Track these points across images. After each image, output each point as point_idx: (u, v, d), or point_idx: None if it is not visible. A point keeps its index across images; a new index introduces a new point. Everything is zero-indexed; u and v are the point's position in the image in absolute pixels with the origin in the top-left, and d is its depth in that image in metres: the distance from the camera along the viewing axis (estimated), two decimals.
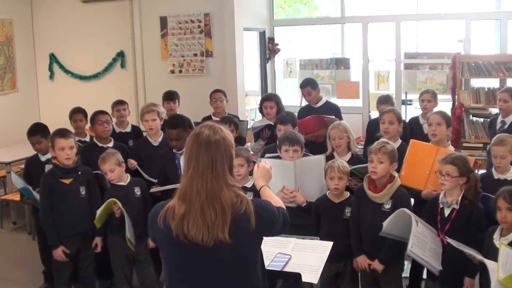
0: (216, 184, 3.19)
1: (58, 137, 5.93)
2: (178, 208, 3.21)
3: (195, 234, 3.15)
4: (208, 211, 3.15)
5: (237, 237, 3.17)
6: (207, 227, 3.14)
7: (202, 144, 3.24)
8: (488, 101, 9.78)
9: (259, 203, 3.34)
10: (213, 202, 3.16)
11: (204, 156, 3.22)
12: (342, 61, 11.86)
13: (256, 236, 3.29)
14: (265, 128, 7.41)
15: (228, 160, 3.28)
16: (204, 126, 3.34)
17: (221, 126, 3.38)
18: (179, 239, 3.20)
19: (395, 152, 5.38)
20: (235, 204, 3.19)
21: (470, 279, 4.96)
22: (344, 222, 5.51)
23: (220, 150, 3.24)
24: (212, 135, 3.26)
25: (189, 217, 3.17)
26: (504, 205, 4.57)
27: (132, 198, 6.03)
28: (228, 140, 3.32)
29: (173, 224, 3.19)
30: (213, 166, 3.21)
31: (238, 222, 3.17)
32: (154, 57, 10.56)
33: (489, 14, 11.07)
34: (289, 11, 14.67)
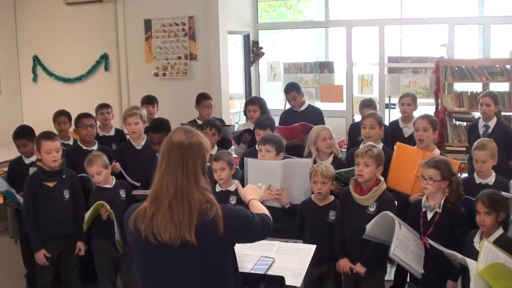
0: (185, 182, 3.21)
1: (44, 140, 5.91)
2: (148, 209, 3.24)
3: (163, 231, 3.17)
4: (176, 209, 3.18)
5: (204, 241, 3.18)
6: (175, 225, 3.16)
7: (175, 145, 3.28)
8: (471, 105, 9.82)
9: (230, 210, 3.34)
10: (182, 200, 3.19)
11: (176, 155, 3.25)
12: (326, 65, 11.89)
13: (225, 243, 3.28)
14: (244, 132, 7.41)
15: (201, 162, 3.30)
16: (180, 129, 3.38)
17: (198, 132, 3.41)
18: (149, 241, 3.21)
19: (382, 155, 5.42)
20: (205, 208, 3.20)
21: (453, 283, 5.00)
22: (328, 226, 5.53)
23: (193, 152, 3.27)
24: (186, 138, 3.29)
25: (158, 215, 3.19)
26: (482, 209, 4.62)
27: (118, 200, 6.01)
28: (202, 145, 3.34)
29: (143, 226, 3.22)
30: (184, 164, 3.23)
31: (206, 227, 3.18)
32: (138, 60, 10.51)
33: (472, 18, 11.14)
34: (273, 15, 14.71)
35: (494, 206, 4.61)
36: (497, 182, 5.62)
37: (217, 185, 5.88)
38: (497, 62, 10.00)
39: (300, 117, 7.89)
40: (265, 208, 3.81)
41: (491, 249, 4.35)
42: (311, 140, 6.35)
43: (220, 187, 5.86)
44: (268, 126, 6.73)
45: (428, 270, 4.88)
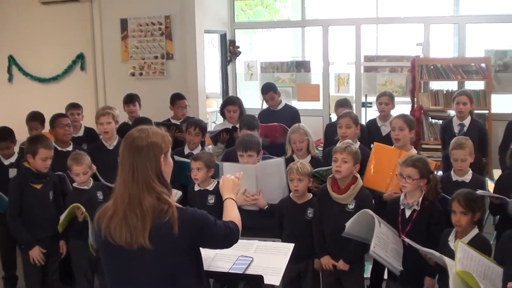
0: (136, 190, 3.20)
1: (42, 148, 5.87)
2: (109, 209, 3.26)
3: (119, 237, 3.18)
4: (130, 216, 3.17)
5: (159, 244, 3.18)
6: (130, 230, 3.16)
7: (126, 148, 3.27)
8: (447, 103, 9.91)
9: (187, 212, 3.33)
10: (135, 208, 3.18)
11: (126, 161, 3.25)
12: (303, 64, 11.90)
13: (181, 244, 3.25)
14: (222, 132, 7.41)
15: (154, 166, 3.26)
16: (134, 131, 3.35)
17: (153, 130, 3.36)
18: (108, 241, 3.23)
19: (359, 153, 5.47)
20: (160, 211, 3.19)
21: (431, 279, 5.04)
22: (306, 223, 5.55)
23: (142, 156, 3.23)
24: (137, 139, 3.26)
25: (114, 220, 3.20)
26: (458, 208, 4.65)
27: (95, 202, 5.90)
28: (154, 145, 3.28)
29: (103, 226, 3.24)
30: (134, 172, 3.22)
31: (161, 229, 3.17)
32: (115, 59, 10.46)
33: (447, 18, 11.20)
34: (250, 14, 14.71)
35: (470, 206, 4.64)
36: (473, 180, 5.69)
37: (196, 184, 5.88)
38: (472, 61, 10.11)
39: (277, 117, 7.93)
40: (238, 212, 3.80)
41: (465, 250, 4.38)
42: (287, 139, 6.39)
43: (199, 186, 5.86)
44: (256, 127, 6.75)
45: (406, 266, 4.91)
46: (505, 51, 10.27)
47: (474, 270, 4.28)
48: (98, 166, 6.48)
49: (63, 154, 6.41)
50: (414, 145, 6.51)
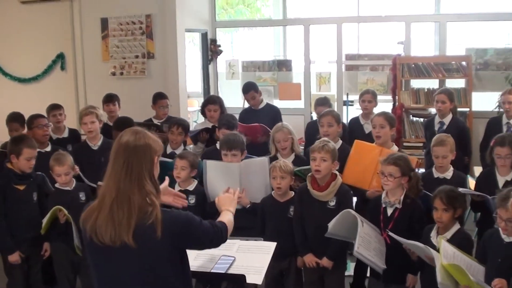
0: (128, 185, 3.21)
1: (26, 147, 5.84)
2: (95, 209, 3.25)
3: (104, 232, 3.18)
4: (116, 210, 3.18)
5: (142, 244, 3.18)
6: (114, 227, 3.16)
7: (122, 147, 3.28)
8: (428, 101, 9.95)
9: (171, 215, 3.32)
10: (122, 203, 3.19)
11: (121, 157, 3.25)
12: (284, 63, 11.88)
13: (164, 247, 3.24)
14: (202, 131, 7.39)
15: (148, 165, 3.29)
16: (129, 131, 3.37)
17: (147, 133, 3.39)
18: (93, 241, 3.23)
19: (336, 150, 5.48)
20: (145, 212, 3.19)
21: (413, 276, 5.08)
22: (288, 221, 5.55)
23: (138, 155, 3.26)
24: (133, 140, 3.29)
25: (100, 216, 3.20)
26: (440, 205, 4.70)
27: (77, 203, 5.86)
28: (150, 147, 3.32)
29: (88, 226, 3.24)
30: (128, 167, 3.23)
31: (144, 230, 3.17)
32: (95, 59, 10.42)
33: (428, 16, 11.24)
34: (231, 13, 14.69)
35: (452, 203, 4.70)
36: (454, 176, 5.73)
37: (176, 185, 5.86)
38: (453, 59, 10.16)
39: (259, 116, 7.94)
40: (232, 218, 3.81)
41: (448, 248, 4.40)
42: (271, 138, 6.40)
43: (179, 187, 5.84)
44: (235, 126, 6.75)
45: (388, 264, 4.92)
46: (485, 49, 10.33)
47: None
48: (82, 166, 6.46)
49: (42, 154, 6.36)
50: (395, 142, 6.51)
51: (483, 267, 4.47)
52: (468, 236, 4.83)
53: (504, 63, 10.09)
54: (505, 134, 6.26)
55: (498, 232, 4.42)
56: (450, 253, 4.37)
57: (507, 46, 10.92)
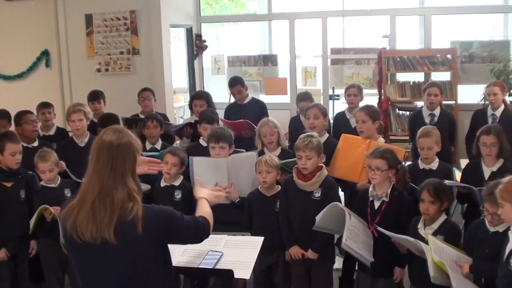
0: (111, 181, 3.21)
1: (9, 142, 5.80)
2: (75, 207, 3.23)
3: (84, 230, 3.17)
4: (99, 207, 3.18)
5: (123, 240, 3.18)
6: (96, 224, 3.16)
7: (105, 145, 3.27)
8: (414, 94, 10.00)
9: (152, 211, 3.32)
10: (105, 199, 3.19)
11: (104, 155, 3.25)
12: (270, 58, 11.89)
13: (146, 243, 3.25)
14: (186, 126, 7.38)
15: (130, 163, 3.29)
16: (110, 129, 3.37)
17: (129, 132, 3.40)
18: (73, 239, 3.22)
19: (321, 144, 5.46)
20: (126, 208, 3.19)
21: (400, 269, 5.10)
22: (275, 215, 5.54)
23: (122, 153, 3.27)
24: (116, 138, 3.29)
25: (81, 214, 3.19)
26: (427, 197, 4.73)
27: (63, 200, 5.81)
28: (132, 145, 3.33)
29: (68, 224, 3.22)
30: (112, 164, 3.23)
31: (125, 227, 3.17)
32: (80, 55, 10.37)
33: (413, 9, 11.29)
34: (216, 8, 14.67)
35: (439, 196, 4.73)
36: (440, 167, 5.79)
37: (162, 180, 5.84)
38: (438, 52, 10.20)
39: (245, 111, 7.93)
40: (209, 209, 3.81)
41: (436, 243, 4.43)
42: (257, 133, 6.39)
43: (165, 182, 5.83)
44: (215, 121, 6.73)
45: (376, 257, 4.92)
46: (470, 42, 10.39)
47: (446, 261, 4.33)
48: (69, 163, 6.44)
49: (29, 150, 6.34)
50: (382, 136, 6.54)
51: (470, 259, 4.50)
52: (455, 226, 4.86)
53: (489, 56, 10.14)
54: (491, 125, 6.31)
55: (484, 223, 4.46)
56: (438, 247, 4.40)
57: (492, 39, 10.94)
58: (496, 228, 4.34)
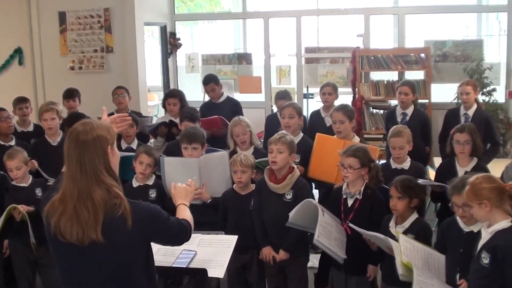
0: (85, 183, 3.15)
1: None
2: (57, 206, 3.18)
3: (69, 232, 3.12)
4: (81, 211, 3.12)
5: (112, 238, 3.15)
6: (82, 226, 3.11)
7: (72, 143, 3.21)
8: (388, 93, 10.04)
9: (140, 205, 3.30)
10: (85, 202, 3.13)
11: (73, 156, 3.19)
12: (244, 56, 11.87)
13: (134, 238, 3.23)
14: (160, 125, 7.36)
15: (102, 159, 3.21)
16: (78, 124, 3.30)
17: (96, 123, 3.32)
18: (57, 238, 3.17)
19: (294, 143, 5.48)
20: (112, 205, 3.15)
21: (374, 267, 5.12)
22: (250, 214, 5.54)
23: (89, 150, 3.18)
24: (82, 133, 3.21)
25: (64, 217, 3.14)
26: (395, 194, 4.79)
27: (33, 199, 5.82)
28: (100, 138, 3.23)
29: (52, 223, 3.17)
30: (81, 166, 3.16)
31: (114, 223, 3.14)
32: (53, 53, 10.30)
33: (387, 9, 11.35)
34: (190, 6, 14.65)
35: (407, 192, 4.77)
36: (412, 167, 5.80)
37: (134, 180, 5.81)
38: (412, 51, 10.24)
39: (219, 109, 7.91)
40: (190, 214, 3.77)
41: (407, 241, 4.47)
42: (229, 133, 6.39)
43: (138, 182, 5.79)
44: (197, 119, 6.73)
45: (349, 255, 4.95)
46: (444, 41, 10.44)
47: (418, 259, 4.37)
48: (42, 162, 6.43)
49: (6, 149, 6.30)
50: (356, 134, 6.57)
51: (443, 256, 4.55)
52: (427, 225, 4.92)
53: (463, 55, 10.21)
54: (465, 123, 6.37)
55: (457, 222, 4.50)
56: (409, 246, 4.43)
57: (465, 38, 11.05)
58: (471, 228, 4.37)
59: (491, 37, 12.00)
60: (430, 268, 4.45)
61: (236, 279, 5.67)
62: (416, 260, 4.37)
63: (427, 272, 4.38)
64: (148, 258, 3.40)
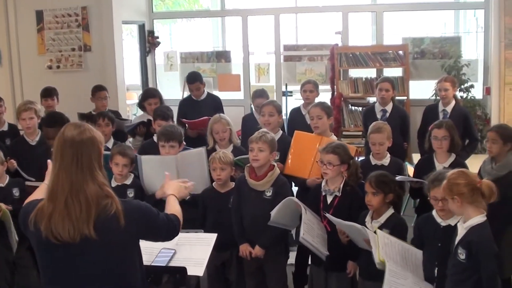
0: (80, 176, 3.14)
1: None
2: (46, 208, 3.15)
3: (62, 230, 3.09)
4: (73, 205, 3.10)
5: (105, 236, 3.13)
6: (72, 222, 3.09)
7: (68, 142, 3.19)
8: (366, 90, 10.09)
9: (131, 203, 3.33)
10: (78, 195, 3.12)
11: (69, 152, 3.17)
12: (223, 54, 11.87)
13: (127, 237, 3.23)
14: (139, 125, 7.34)
15: (96, 157, 3.23)
16: (70, 125, 3.30)
17: (89, 125, 3.33)
18: (49, 241, 3.13)
19: (275, 141, 5.49)
20: (105, 204, 3.15)
21: (353, 263, 5.14)
22: (230, 212, 5.54)
23: (86, 147, 3.19)
24: (78, 134, 3.21)
25: (55, 214, 3.11)
26: (369, 189, 4.84)
27: (11, 199, 5.81)
28: (95, 138, 3.26)
29: (42, 226, 3.13)
30: (78, 160, 3.16)
31: (107, 222, 3.13)
32: (31, 52, 10.24)
33: (365, 6, 11.40)
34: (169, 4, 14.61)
35: (381, 187, 4.81)
36: (392, 163, 5.83)
37: (112, 180, 5.78)
38: (390, 48, 10.29)
39: (200, 107, 7.90)
40: (179, 208, 3.77)
41: (385, 236, 4.50)
42: (209, 130, 6.39)
43: (116, 182, 5.76)
44: (170, 117, 6.71)
45: (329, 252, 4.99)
46: (422, 38, 10.51)
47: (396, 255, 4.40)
48: (20, 162, 6.38)
49: None
50: (334, 132, 6.60)
51: (420, 251, 4.60)
52: (402, 221, 4.96)
53: (440, 52, 10.28)
54: (443, 119, 6.42)
55: (433, 217, 4.56)
56: (387, 242, 4.46)
57: (443, 35, 11.13)
58: (448, 222, 4.43)
59: (468, 34, 12.06)
60: (408, 264, 4.49)
61: (215, 277, 5.66)
62: (393, 255, 4.40)
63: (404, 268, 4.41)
64: (139, 255, 3.41)
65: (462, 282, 4.04)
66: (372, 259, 4.43)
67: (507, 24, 9.15)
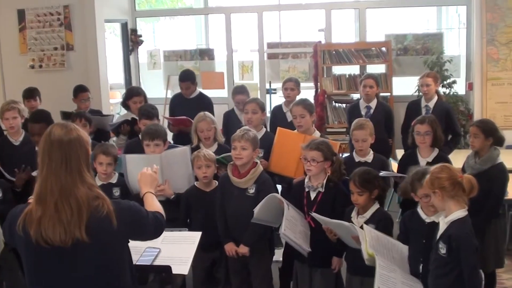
0: (70, 180, 3.12)
1: None
2: (35, 212, 3.11)
3: (52, 234, 3.06)
4: (63, 209, 3.08)
5: (97, 238, 3.12)
6: (63, 226, 3.06)
7: (55, 143, 3.16)
8: (349, 87, 10.12)
9: (121, 203, 3.31)
10: (68, 199, 3.09)
11: (57, 154, 3.14)
12: (206, 52, 11.86)
13: (119, 238, 3.23)
14: (123, 123, 7.32)
15: (84, 157, 3.21)
16: (56, 126, 3.27)
17: (75, 125, 3.32)
18: (40, 245, 3.10)
19: (257, 138, 5.50)
20: (96, 206, 3.13)
21: (338, 259, 5.14)
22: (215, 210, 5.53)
23: (74, 148, 3.17)
24: (65, 134, 3.19)
25: (45, 218, 3.08)
26: (354, 189, 4.83)
27: None
28: (82, 138, 3.25)
29: (32, 230, 3.10)
30: (66, 162, 3.13)
31: (99, 224, 3.12)
32: (13, 52, 10.18)
33: (348, 3, 11.40)
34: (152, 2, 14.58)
35: (365, 186, 4.81)
36: (375, 160, 5.86)
37: (97, 179, 5.74)
38: (373, 45, 10.33)
39: (190, 105, 7.86)
40: (159, 204, 3.76)
41: (371, 231, 4.51)
42: (193, 128, 6.39)
43: (101, 181, 5.73)
44: (155, 116, 6.68)
45: (313, 248, 4.98)
46: (404, 35, 10.56)
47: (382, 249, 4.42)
48: (3, 162, 6.35)
49: None
50: (318, 128, 6.60)
51: (406, 246, 4.63)
52: (388, 216, 4.97)
53: (423, 48, 10.33)
54: (426, 115, 6.46)
55: (418, 213, 4.59)
56: (374, 236, 4.47)
57: (425, 32, 11.16)
58: (432, 219, 4.46)
59: (451, 30, 12.12)
60: (395, 257, 4.51)
61: (204, 277, 5.65)
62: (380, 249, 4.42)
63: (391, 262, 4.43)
64: (129, 255, 3.40)
65: (443, 276, 4.07)
66: (359, 254, 4.44)
67: (489, 20, 9.21)
